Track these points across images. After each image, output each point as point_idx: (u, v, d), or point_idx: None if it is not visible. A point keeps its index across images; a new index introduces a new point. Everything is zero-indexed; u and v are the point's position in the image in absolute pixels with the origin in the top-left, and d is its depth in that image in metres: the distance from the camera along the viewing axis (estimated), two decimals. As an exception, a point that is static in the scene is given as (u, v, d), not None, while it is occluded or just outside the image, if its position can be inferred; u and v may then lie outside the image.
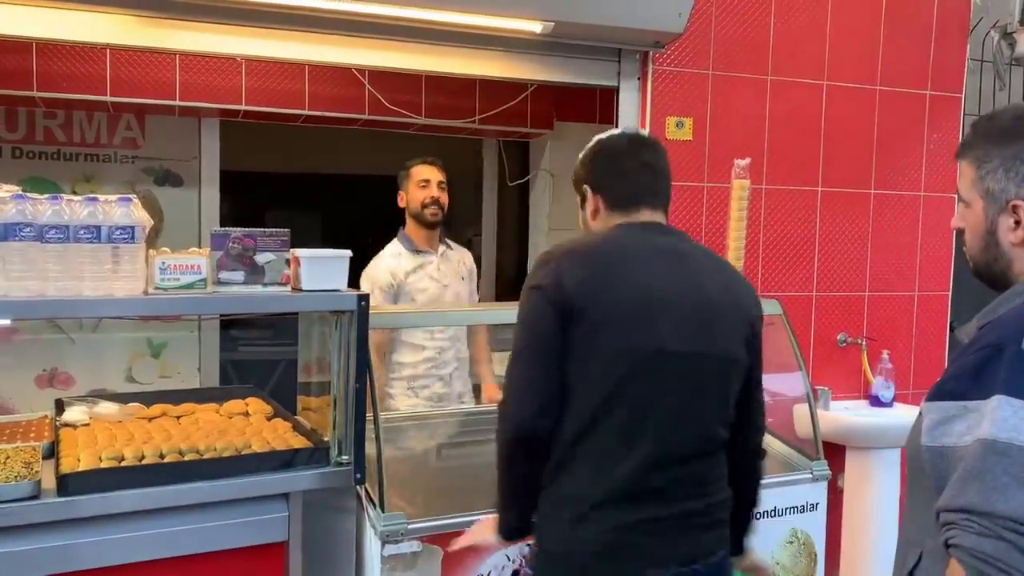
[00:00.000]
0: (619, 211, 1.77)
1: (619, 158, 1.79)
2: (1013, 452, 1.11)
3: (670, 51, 3.19)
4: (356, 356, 2.08)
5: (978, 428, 1.15)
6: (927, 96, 3.63)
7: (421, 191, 3.29)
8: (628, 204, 1.76)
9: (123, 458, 2.00)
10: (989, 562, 1.10)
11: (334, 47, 2.87)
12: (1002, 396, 1.14)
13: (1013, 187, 1.29)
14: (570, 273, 1.64)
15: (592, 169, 1.81)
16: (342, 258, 2.10)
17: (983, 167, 1.32)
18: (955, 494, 1.15)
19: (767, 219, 3.39)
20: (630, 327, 1.63)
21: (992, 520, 1.10)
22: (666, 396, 1.65)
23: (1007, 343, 1.18)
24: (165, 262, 1.96)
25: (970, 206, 1.36)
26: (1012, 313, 1.25)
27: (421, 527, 2.09)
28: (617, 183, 1.78)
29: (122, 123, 4.18)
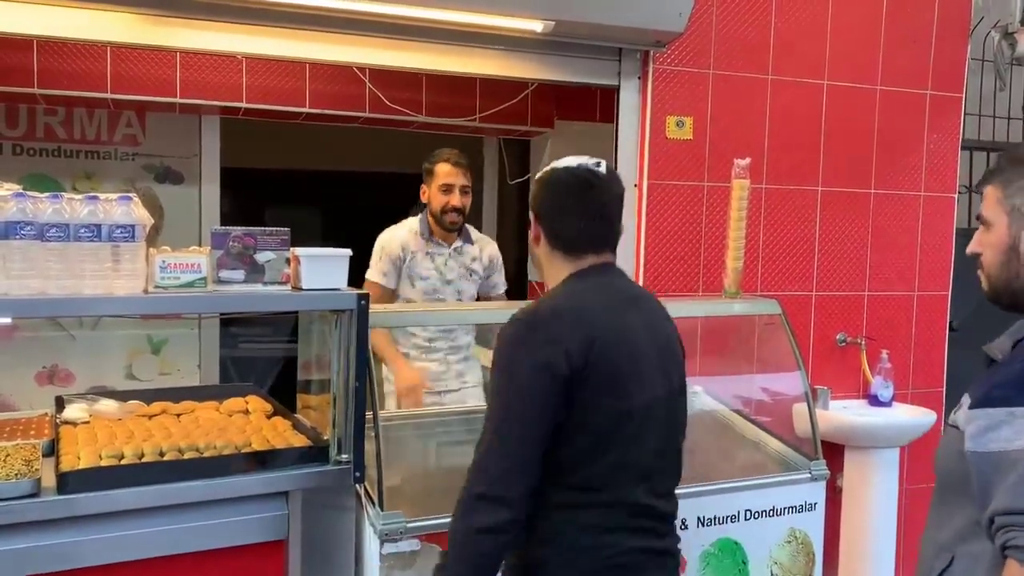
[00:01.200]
0: (560, 251, 1.74)
1: (566, 198, 1.73)
2: None
3: (671, 50, 3.19)
4: (356, 355, 2.09)
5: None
6: (927, 96, 3.63)
7: (442, 196, 3.24)
8: (571, 248, 1.74)
9: (123, 456, 2.01)
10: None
11: (335, 45, 2.87)
12: None
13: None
14: (569, 341, 1.59)
15: (541, 199, 1.77)
16: (342, 257, 2.10)
17: (1010, 187, 1.37)
18: (1015, 497, 1.18)
19: (767, 219, 3.40)
20: (626, 385, 1.64)
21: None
22: (656, 440, 1.69)
23: None
24: (165, 261, 1.97)
25: (992, 226, 1.40)
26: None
27: (420, 526, 2.09)
28: (560, 224, 1.74)
29: (123, 120, 4.18)
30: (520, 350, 1.62)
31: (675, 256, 3.25)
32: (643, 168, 3.23)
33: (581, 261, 1.74)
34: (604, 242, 1.76)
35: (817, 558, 2.66)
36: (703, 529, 2.41)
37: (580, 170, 1.74)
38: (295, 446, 2.14)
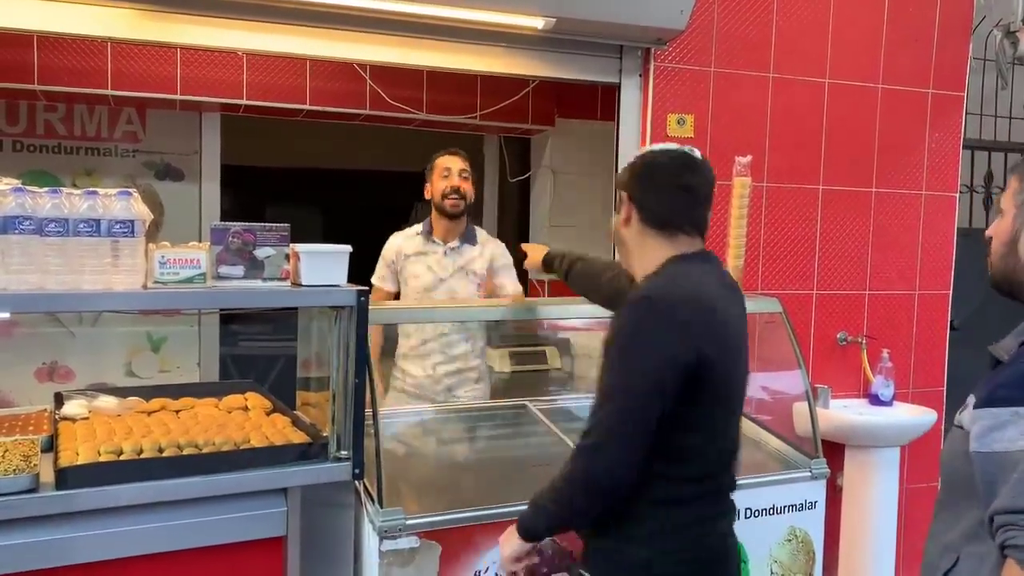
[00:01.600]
0: (655, 231, 1.76)
1: (664, 178, 1.76)
2: None
3: (672, 48, 3.19)
4: (355, 351, 2.08)
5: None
6: (929, 95, 3.62)
7: (442, 181, 3.20)
8: (664, 227, 1.75)
9: (121, 452, 2.00)
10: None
11: (336, 42, 2.87)
12: None
13: None
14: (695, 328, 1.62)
15: (635, 180, 1.79)
16: (342, 253, 2.09)
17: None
18: (1015, 496, 1.18)
19: (768, 217, 3.39)
20: (734, 374, 1.74)
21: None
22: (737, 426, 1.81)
23: None
24: (164, 256, 1.96)
25: (1004, 216, 1.41)
26: None
27: (419, 523, 2.09)
28: (656, 204, 1.76)
29: (123, 117, 4.18)
30: (648, 331, 1.62)
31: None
32: (644, 166, 3.21)
33: (676, 243, 1.75)
34: (697, 225, 1.78)
35: (817, 557, 2.66)
36: (703, 527, 2.40)
37: (677, 153, 1.78)
38: (294, 443, 2.13)
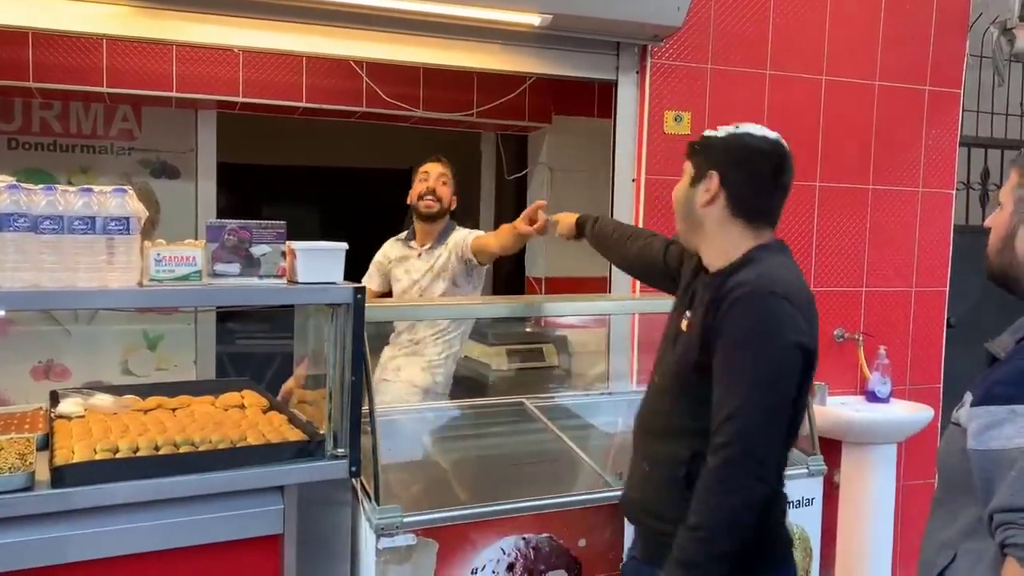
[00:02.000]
0: (743, 221, 1.74)
1: (763, 166, 1.73)
2: None
3: (668, 45, 3.19)
4: (352, 349, 2.08)
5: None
6: (926, 91, 3.62)
7: (419, 184, 3.29)
8: (754, 219, 1.74)
9: (118, 450, 1.99)
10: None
11: (332, 39, 2.87)
12: None
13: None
14: (811, 323, 1.67)
15: (731, 164, 1.73)
16: (338, 251, 2.09)
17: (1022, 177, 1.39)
18: (1013, 494, 1.18)
19: (765, 214, 3.38)
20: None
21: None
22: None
23: None
24: (160, 254, 1.95)
25: (1003, 209, 1.41)
26: None
27: (416, 520, 2.09)
28: (751, 192, 1.74)
29: (119, 114, 4.16)
30: (781, 325, 1.61)
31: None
32: (641, 163, 3.22)
33: (760, 234, 1.75)
34: (777, 218, 1.79)
35: (814, 554, 2.66)
36: (700, 524, 2.40)
37: (775, 142, 1.75)
38: (291, 440, 2.13)
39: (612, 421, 3.05)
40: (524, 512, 2.20)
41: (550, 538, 2.23)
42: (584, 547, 2.27)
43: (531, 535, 2.20)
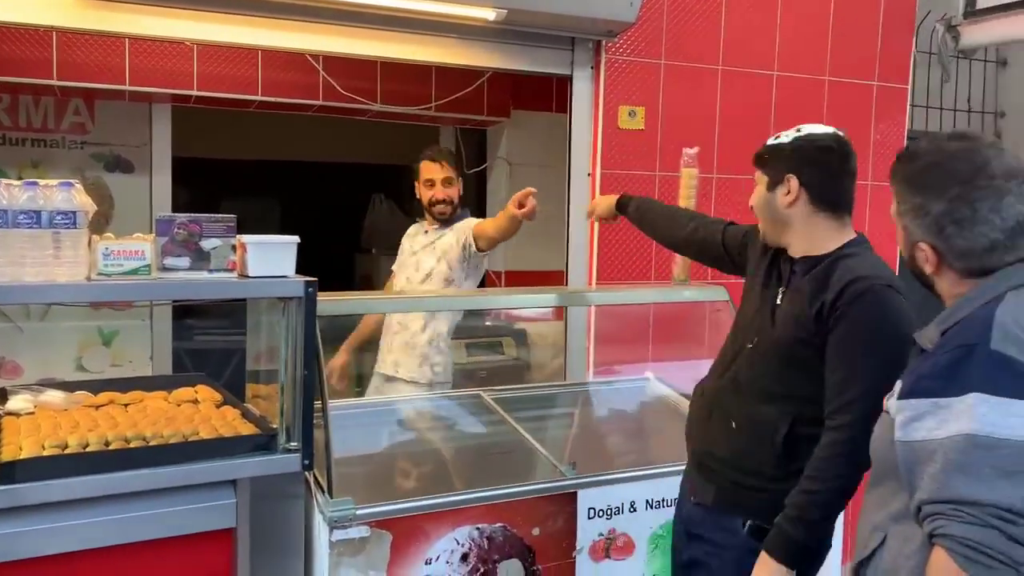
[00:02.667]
0: (827, 213, 1.90)
1: (833, 160, 1.89)
2: (992, 445, 1.19)
3: (623, 41, 3.22)
4: (304, 343, 2.08)
5: (953, 423, 1.23)
6: (875, 87, 3.70)
7: (427, 191, 3.33)
8: (837, 208, 1.91)
9: (67, 446, 1.98)
10: (978, 549, 1.17)
11: (287, 32, 2.86)
12: (979, 394, 1.22)
13: (919, 232, 1.42)
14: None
15: (804, 161, 1.89)
16: (290, 244, 2.09)
17: (901, 205, 1.45)
18: (940, 486, 1.22)
19: (718, 208, 3.44)
20: None
21: (979, 509, 1.18)
22: None
23: (978, 343, 1.27)
24: (108, 248, 1.94)
25: (895, 224, 1.49)
26: (975, 315, 1.33)
27: (370, 512, 2.10)
28: (829, 185, 1.90)
29: (70, 108, 4.10)
30: (900, 318, 1.78)
31: (628, 244, 3.28)
32: (596, 157, 3.25)
33: (844, 221, 1.92)
34: (853, 202, 1.94)
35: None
36: (652, 512, 2.44)
37: (836, 136, 1.91)
38: (243, 434, 2.13)
39: (568, 412, 3.09)
40: (477, 502, 2.22)
41: (504, 527, 2.26)
42: (538, 535, 2.30)
43: (485, 525, 2.23)
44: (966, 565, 1.18)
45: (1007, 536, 1.17)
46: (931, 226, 1.39)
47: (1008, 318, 1.28)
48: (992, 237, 1.35)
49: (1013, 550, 1.17)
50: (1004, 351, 1.24)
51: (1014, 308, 1.30)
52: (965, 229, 1.36)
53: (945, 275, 1.42)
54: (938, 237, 1.38)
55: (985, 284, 1.36)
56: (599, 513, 2.37)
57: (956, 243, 1.37)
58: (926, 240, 1.40)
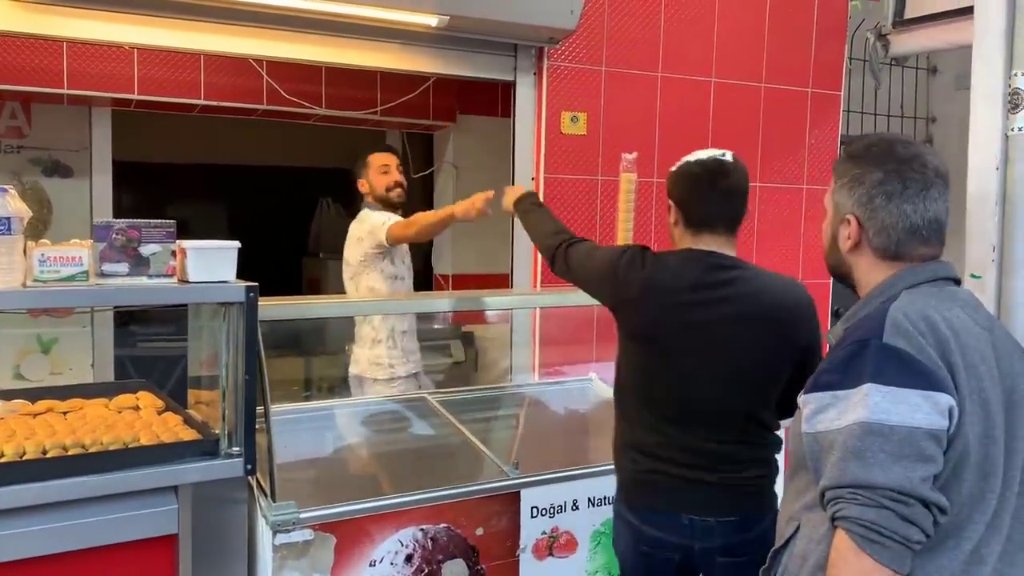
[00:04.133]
0: (690, 231, 2.03)
1: (697, 183, 2.01)
2: (885, 431, 1.26)
3: (564, 47, 3.28)
4: (244, 348, 2.08)
5: (851, 413, 1.30)
6: (809, 93, 3.82)
7: (384, 177, 3.42)
8: (697, 227, 2.02)
9: (2, 455, 1.96)
10: (873, 528, 1.25)
11: (229, 37, 2.85)
12: (872, 384, 1.29)
13: (849, 203, 1.48)
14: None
15: (676, 186, 2.05)
16: (230, 249, 2.09)
17: (837, 182, 1.52)
18: (839, 473, 1.28)
19: (659, 211, 3.51)
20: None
21: (874, 491, 1.25)
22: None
23: (870, 338, 1.34)
24: (44, 254, 1.92)
25: (826, 215, 1.56)
26: (872, 314, 1.41)
27: (313, 516, 2.11)
28: (692, 206, 2.02)
29: (6, 111, 4.03)
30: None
31: (571, 247, 3.33)
32: (539, 162, 3.30)
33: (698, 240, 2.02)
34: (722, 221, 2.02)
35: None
36: (594, 509, 2.49)
37: (709, 161, 2.01)
38: (184, 440, 2.12)
39: (514, 413, 3.13)
40: (421, 504, 2.25)
41: (448, 528, 2.29)
42: (482, 535, 2.33)
43: (429, 526, 2.26)
44: (864, 544, 1.25)
45: (900, 516, 1.24)
46: (862, 196, 1.46)
47: (899, 314, 1.35)
48: (913, 220, 1.44)
49: (907, 529, 1.25)
50: (895, 344, 1.31)
51: (906, 305, 1.37)
52: (892, 203, 1.44)
53: (862, 256, 1.49)
54: (866, 208, 1.46)
55: (885, 283, 1.45)
56: (542, 512, 2.41)
57: (880, 216, 1.45)
58: (854, 213, 1.47)
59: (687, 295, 1.98)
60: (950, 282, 1.48)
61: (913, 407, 1.27)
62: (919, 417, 1.27)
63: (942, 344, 1.33)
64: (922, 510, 1.26)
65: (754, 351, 1.96)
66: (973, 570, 1.33)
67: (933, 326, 1.34)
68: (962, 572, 1.33)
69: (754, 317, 1.96)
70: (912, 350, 1.31)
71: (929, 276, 1.46)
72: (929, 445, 1.27)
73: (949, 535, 1.32)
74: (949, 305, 1.40)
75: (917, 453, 1.26)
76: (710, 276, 1.99)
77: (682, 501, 1.99)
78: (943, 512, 1.28)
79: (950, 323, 1.36)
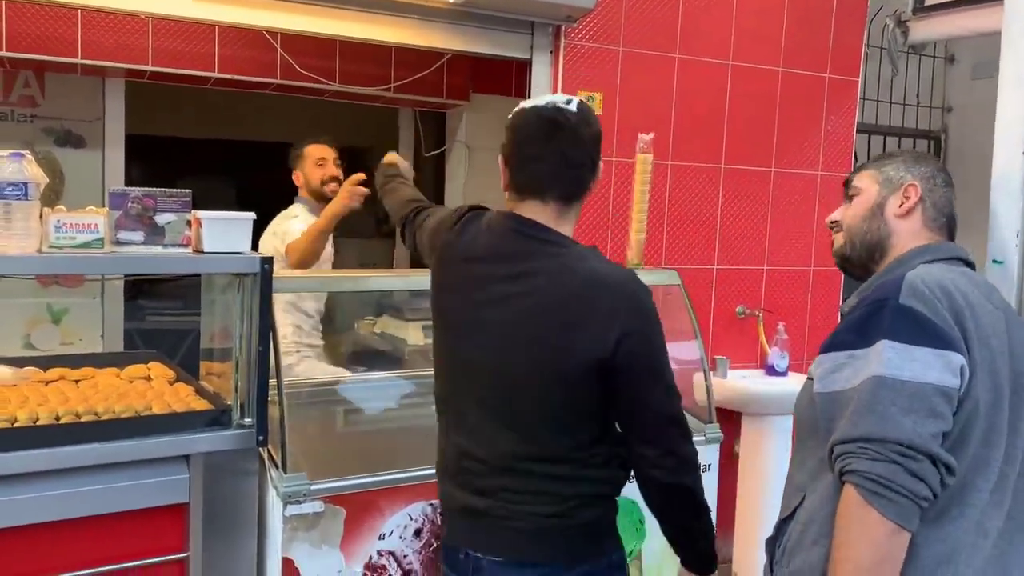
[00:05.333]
0: (513, 194, 1.69)
1: (526, 140, 1.65)
2: (897, 386, 1.28)
3: (582, 26, 3.25)
4: (259, 319, 2.09)
5: (864, 371, 1.32)
6: (826, 79, 3.78)
7: (319, 169, 3.43)
8: (519, 191, 1.68)
9: (16, 420, 1.97)
10: (881, 482, 1.26)
11: (244, 8, 2.83)
12: (886, 340, 1.32)
13: (909, 175, 1.56)
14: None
15: (506, 141, 1.69)
16: (245, 220, 2.09)
17: (887, 165, 1.58)
18: (851, 427, 1.30)
19: (672, 194, 3.50)
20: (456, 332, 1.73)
21: (884, 445, 1.26)
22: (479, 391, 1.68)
23: (888, 298, 1.37)
24: (60, 220, 1.93)
25: (861, 191, 1.59)
26: (887, 280, 1.44)
27: (324, 487, 2.12)
28: (516, 166, 1.67)
29: (20, 80, 4.01)
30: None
31: (583, 228, 3.31)
32: (554, 142, 3.27)
33: (519, 205, 1.67)
34: (549, 186, 1.64)
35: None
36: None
37: (546, 110, 1.65)
38: (196, 410, 2.13)
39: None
40: (431, 479, 2.22)
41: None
42: (490, 512, 2.33)
43: (438, 501, 2.26)
44: (871, 498, 1.26)
45: (908, 471, 1.25)
46: (925, 172, 1.56)
47: (917, 279, 1.38)
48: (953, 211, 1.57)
49: (915, 484, 1.26)
50: (910, 305, 1.34)
51: (923, 273, 1.40)
52: (947, 188, 1.57)
53: (912, 220, 1.54)
54: (929, 182, 1.55)
55: (903, 256, 1.50)
56: (551, 490, 2.41)
57: (938, 194, 1.55)
58: (914, 181, 1.54)
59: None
60: (964, 264, 1.51)
61: (925, 364, 1.29)
62: (931, 374, 1.29)
63: (957, 311, 1.36)
64: (930, 467, 1.27)
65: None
66: (979, 542, 1.35)
67: (948, 294, 1.37)
68: (971, 544, 1.34)
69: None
70: (927, 311, 1.33)
71: (946, 254, 1.50)
72: (940, 402, 1.28)
73: (953, 501, 1.33)
74: (964, 282, 1.42)
75: (928, 408, 1.28)
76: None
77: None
78: (950, 472, 1.29)
79: (965, 296, 1.39)
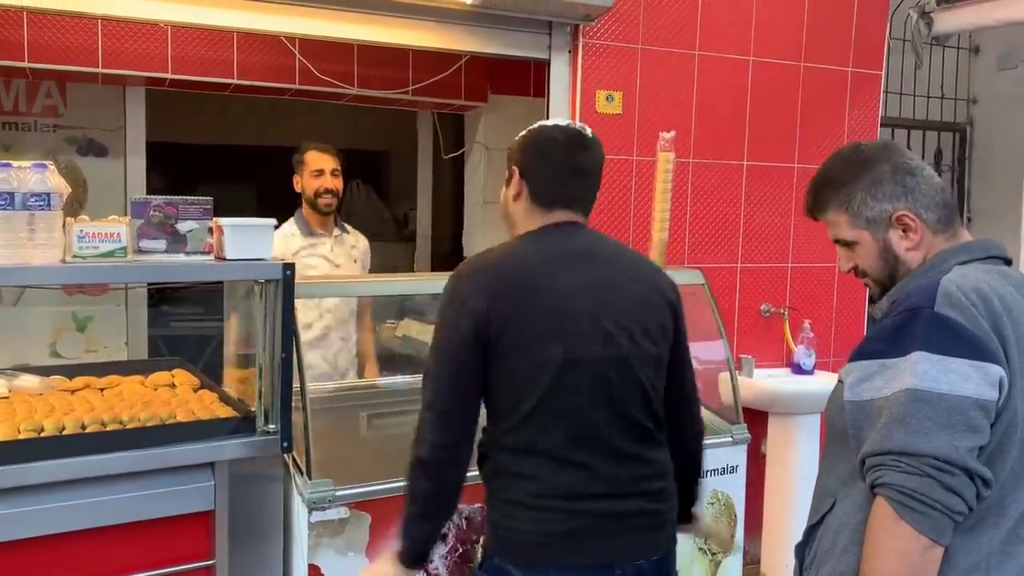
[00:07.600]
0: (540, 206, 1.75)
1: (552, 154, 1.75)
2: (933, 399, 1.24)
3: (600, 25, 3.22)
4: (281, 326, 2.08)
5: (898, 381, 1.28)
6: (849, 73, 3.73)
7: (315, 180, 3.28)
8: (549, 203, 1.75)
9: (43, 429, 1.98)
10: (915, 496, 1.23)
11: (262, 14, 2.83)
12: (921, 352, 1.28)
13: (887, 204, 1.45)
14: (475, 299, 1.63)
15: (525, 155, 1.77)
16: (266, 227, 2.09)
17: (852, 206, 1.47)
18: (882, 439, 1.27)
19: (694, 192, 3.47)
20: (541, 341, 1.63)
21: (917, 459, 1.23)
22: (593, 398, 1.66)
23: (922, 307, 1.32)
24: (83, 230, 1.93)
25: (858, 242, 1.49)
26: (921, 285, 1.39)
27: (348, 493, 2.11)
28: (543, 179, 1.75)
29: (42, 90, 4.05)
30: (446, 303, 1.67)
31: (604, 228, 3.28)
32: (573, 142, 3.25)
33: (549, 216, 1.74)
34: (577, 199, 1.76)
35: (739, 519, 2.76)
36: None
37: (567, 129, 1.77)
38: (221, 417, 2.13)
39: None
40: (456, 484, 2.23)
41: (482, 508, 2.26)
42: (516, 517, 2.31)
43: (463, 506, 2.24)
44: (904, 512, 1.23)
45: (943, 485, 1.22)
46: (892, 188, 1.44)
47: (952, 286, 1.33)
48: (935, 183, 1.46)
49: (949, 499, 1.23)
50: (946, 314, 1.30)
51: (958, 278, 1.35)
52: (917, 175, 1.45)
53: (924, 237, 1.44)
54: (904, 193, 1.44)
55: (935, 258, 1.43)
56: (576, 494, 2.39)
57: (921, 189, 1.44)
58: (896, 206, 1.44)
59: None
60: (1001, 261, 1.46)
61: (963, 376, 1.25)
62: (969, 387, 1.25)
63: (994, 317, 1.31)
64: (966, 480, 1.23)
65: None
66: (1012, 549, 1.31)
67: (985, 299, 1.32)
68: (1000, 551, 1.31)
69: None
70: (964, 320, 1.29)
71: (981, 253, 1.44)
72: (977, 415, 1.25)
73: (991, 511, 1.30)
74: (1002, 283, 1.37)
75: (965, 423, 1.24)
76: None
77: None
78: (987, 485, 1.26)
79: (1003, 299, 1.34)
